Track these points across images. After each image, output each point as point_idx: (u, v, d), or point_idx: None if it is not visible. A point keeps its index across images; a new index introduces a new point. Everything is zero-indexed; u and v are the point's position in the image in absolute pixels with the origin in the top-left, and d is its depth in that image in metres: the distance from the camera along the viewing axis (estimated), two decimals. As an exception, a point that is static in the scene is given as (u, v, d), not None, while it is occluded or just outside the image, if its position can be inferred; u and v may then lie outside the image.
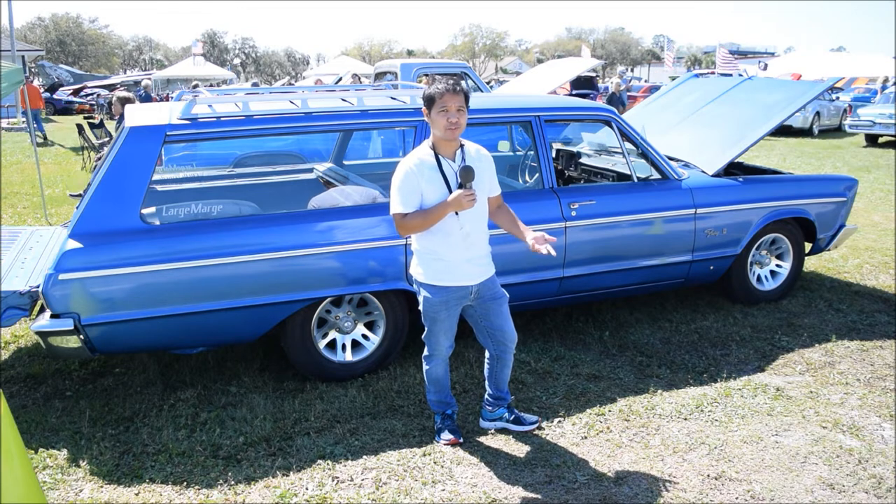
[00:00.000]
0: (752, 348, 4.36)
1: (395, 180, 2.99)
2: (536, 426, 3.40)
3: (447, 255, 3.04)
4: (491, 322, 3.20)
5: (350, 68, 25.86)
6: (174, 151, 5.68)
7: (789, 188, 5.02)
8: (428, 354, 3.26)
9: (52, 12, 65.57)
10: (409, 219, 2.96)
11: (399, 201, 2.96)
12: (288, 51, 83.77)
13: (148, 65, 70.65)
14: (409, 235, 3.25)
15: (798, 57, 19.88)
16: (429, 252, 3.06)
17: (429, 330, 3.19)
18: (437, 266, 3.05)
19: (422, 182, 2.96)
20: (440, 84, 2.95)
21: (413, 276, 3.17)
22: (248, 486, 2.97)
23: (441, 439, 3.27)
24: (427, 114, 2.99)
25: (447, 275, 3.06)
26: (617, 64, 77.49)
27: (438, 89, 2.93)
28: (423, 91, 3.00)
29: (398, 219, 2.98)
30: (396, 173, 3.00)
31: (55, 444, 3.28)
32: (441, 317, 3.11)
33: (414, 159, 2.99)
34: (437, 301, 3.08)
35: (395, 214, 2.98)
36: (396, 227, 3.02)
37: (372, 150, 7.13)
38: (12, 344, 4.52)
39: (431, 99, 2.94)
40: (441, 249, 3.04)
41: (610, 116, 4.52)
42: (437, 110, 2.92)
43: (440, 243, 3.03)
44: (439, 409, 3.35)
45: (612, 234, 4.34)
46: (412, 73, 10.99)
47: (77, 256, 3.28)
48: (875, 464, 3.12)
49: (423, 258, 3.09)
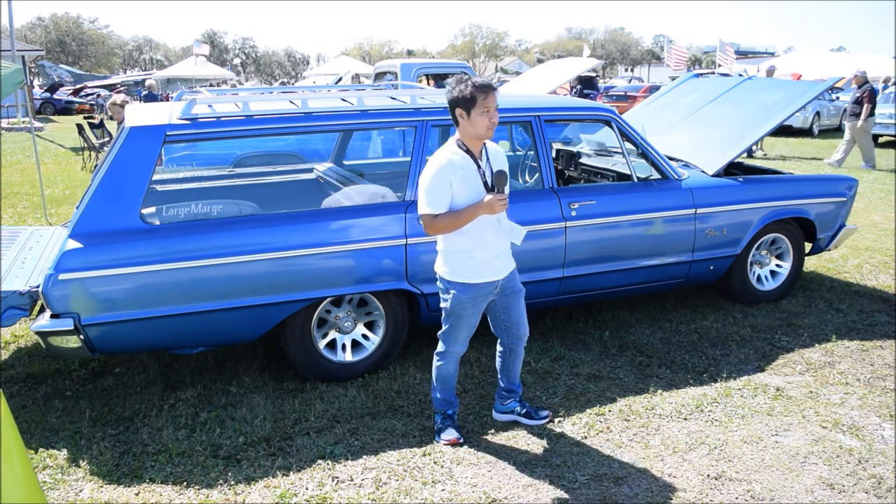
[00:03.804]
0: (752, 348, 4.36)
1: (426, 180, 2.94)
2: (548, 420, 3.43)
3: (478, 252, 3.02)
4: (510, 315, 3.24)
5: (350, 68, 25.89)
6: (174, 151, 5.69)
7: (789, 188, 5.02)
8: (443, 351, 3.24)
9: (52, 12, 65.63)
10: (439, 220, 2.92)
11: (429, 202, 2.92)
12: (288, 51, 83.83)
13: (148, 65, 70.64)
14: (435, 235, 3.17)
15: (798, 57, 19.90)
16: (458, 251, 3.03)
17: (450, 327, 3.16)
18: (468, 264, 3.03)
19: (454, 182, 2.91)
20: (478, 83, 2.89)
21: (439, 275, 3.15)
22: (248, 486, 2.97)
23: (441, 439, 3.28)
24: (463, 114, 2.91)
25: (477, 272, 3.05)
26: (617, 64, 77.50)
27: (480, 89, 2.87)
28: (455, 91, 2.90)
29: (427, 219, 2.94)
30: (426, 173, 2.95)
31: (55, 444, 3.28)
32: (467, 314, 3.11)
33: (444, 159, 2.93)
34: (466, 299, 3.07)
35: (425, 215, 2.94)
36: (424, 227, 3.00)
37: (372, 150, 7.13)
38: (12, 344, 4.52)
39: (472, 99, 2.87)
40: (472, 247, 3.01)
41: (610, 116, 4.52)
42: (480, 111, 2.87)
43: (470, 242, 3.00)
44: (442, 408, 3.34)
45: (612, 234, 4.34)
46: (412, 73, 11.00)
47: (77, 256, 3.28)
48: (875, 464, 3.12)
49: (452, 257, 3.06)
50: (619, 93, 24.44)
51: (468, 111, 2.89)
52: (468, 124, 2.92)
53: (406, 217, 3.82)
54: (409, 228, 3.81)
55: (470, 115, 2.89)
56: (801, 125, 17.50)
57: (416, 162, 3.94)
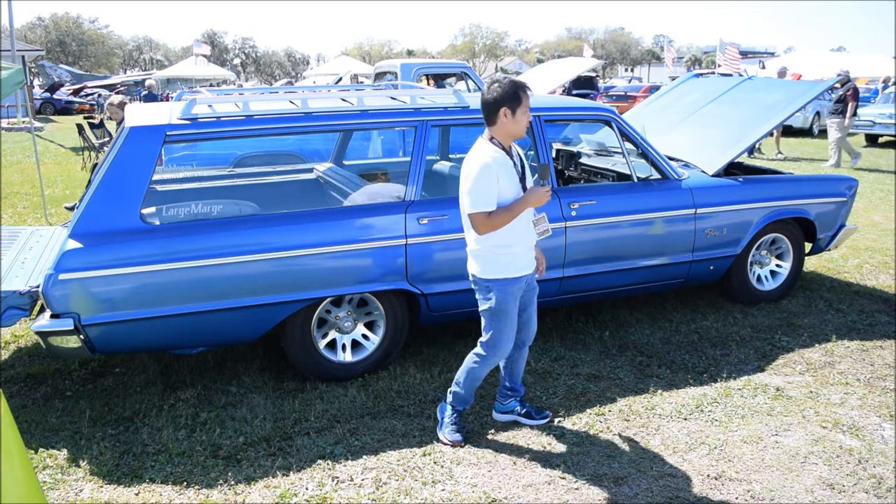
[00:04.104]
0: (752, 348, 4.36)
1: (474, 179, 2.95)
2: (548, 421, 3.44)
3: (514, 247, 3.06)
4: (526, 311, 3.26)
5: (350, 68, 25.89)
6: (174, 151, 5.69)
7: (789, 188, 5.02)
8: (486, 355, 3.19)
9: (52, 12, 65.67)
10: (494, 216, 2.95)
11: (481, 201, 2.94)
12: (288, 51, 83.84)
13: (148, 65, 70.66)
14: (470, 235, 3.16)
15: (798, 57, 19.89)
16: (497, 246, 3.04)
17: (498, 328, 3.13)
18: (505, 259, 3.06)
19: (501, 179, 2.96)
20: (520, 84, 2.99)
21: (476, 277, 3.12)
22: (248, 486, 2.97)
23: (448, 437, 3.26)
24: (508, 113, 2.97)
25: (515, 266, 3.08)
26: (617, 64, 77.52)
27: (523, 89, 2.98)
28: (502, 91, 2.95)
29: (482, 217, 2.95)
30: (473, 171, 2.96)
31: (55, 444, 3.28)
32: (512, 310, 3.12)
33: (488, 157, 2.96)
34: (510, 292, 3.08)
35: (479, 213, 2.95)
36: (479, 225, 2.98)
37: (372, 150, 7.13)
38: (12, 344, 4.52)
39: (519, 99, 2.96)
40: (510, 241, 3.05)
41: (610, 116, 4.52)
42: (524, 109, 2.98)
43: (509, 236, 3.03)
44: (458, 403, 3.33)
45: (612, 234, 4.34)
46: (412, 73, 10.99)
47: (77, 256, 3.28)
48: (875, 464, 3.12)
49: (489, 254, 3.06)
50: (619, 93, 24.43)
51: (514, 110, 2.97)
52: (512, 123, 2.99)
53: (406, 217, 3.82)
54: (409, 228, 3.81)
55: (515, 113, 2.98)
56: (801, 125, 17.50)
57: (416, 162, 3.94)
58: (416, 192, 3.90)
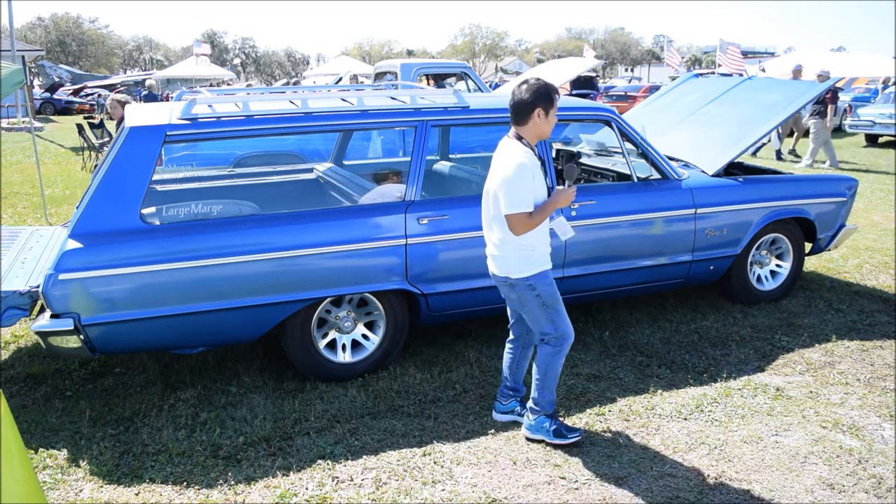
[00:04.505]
0: (752, 348, 4.36)
1: (512, 179, 2.95)
2: None
3: (539, 246, 3.11)
4: None
5: (350, 68, 25.86)
6: (174, 151, 5.69)
7: (789, 188, 5.02)
8: (560, 347, 3.18)
9: (52, 12, 65.66)
10: (534, 216, 2.97)
11: (522, 201, 2.95)
12: (288, 51, 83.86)
13: (148, 65, 70.68)
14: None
15: (798, 57, 19.85)
16: (525, 247, 3.07)
17: (559, 316, 3.15)
18: (534, 255, 3.09)
19: (535, 179, 2.99)
20: (550, 85, 3.03)
21: (514, 279, 3.11)
22: (248, 486, 2.97)
23: (569, 438, 3.22)
24: (541, 113, 3.01)
25: (544, 260, 3.12)
26: (617, 64, 77.53)
27: (555, 91, 3.03)
28: (536, 92, 2.99)
29: (523, 218, 2.95)
30: (510, 172, 2.96)
31: (55, 444, 3.28)
32: (557, 296, 3.15)
33: (524, 158, 2.97)
34: (552, 282, 3.13)
35: (520, 214, 2.95)
36: (518, 226, 2.97)
37: (372, 150, 7.13)
38: (12, 344, 4.52)
39: (552, 100, 3.02)
40: (535, 241, 3.08)
41: (610, 116, 4.52)
42: (554, 111, 3.04)
43: (536, 236, 3.07)
44: (549, 407, 3.27)
45: (612, 234, 4.34)
46: (412, 73, 10.98)
47: (77, 256, 3.28)
48: (875, 464, 3.12)
49: (521, 254, 3.07)
50: (619, 93, 24.43)
51: (547, 111, 3.02)
52: (544, 123, 3.03)
53: (406, 217, 3.82)
54: (409, 228, 3.81)
55: (548, 114, 3.02)
56: (801, 125, 17.46)
57: (416, 162, 3.94)
58: (416, 192, 3.90)
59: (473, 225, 3.95)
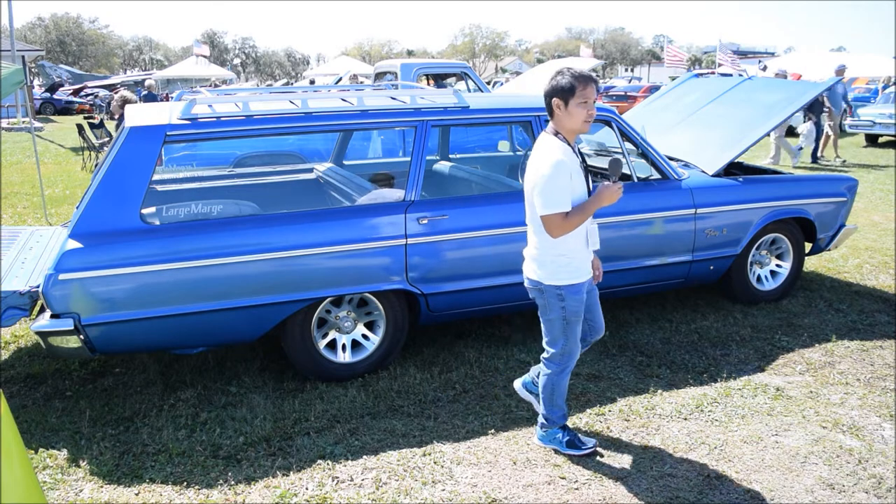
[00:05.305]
0: (752, 348, 4.36)
1: (547, 178, 2.75)
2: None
3: (577, 251, 2.92)
4: (592, 312, 3.15)
5: (350, 68, 25.86)
6: (174, 151, 5.69)
7: (789, 188, 5.02)
8: (563, 363, 3.06)
9: (52, 12, 65.72)
10: (571, 217, 2.76)
11: (557, 201, 2.74)
12: (288, 51, 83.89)
13: (148, 65, 70.69)
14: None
15: (798, 57, 19.87)
16: (563, 254, 2.89)
17: (569, 335, 3.00)
18: (572, 265, 2.91)
19: (573, 177, 2.79)
20: (577, 74, 2.77)
21: (546, 284, 2.94)
22: (248, 486, 2.97)
23: (583, 449, 3.15)
24: (560, 105, 2.80)
25: (581, 271, 2.94)
26: (617, 64, 77.55)
27: (579, 79, 2.76)
28: (554, 81, 2.80)
29: (559, 219, 2.75)
30: (545, 170, 2.76)
31: (55, 444, 3.28)
32: (581, 314, 2.98)
33: (560, 155, 2.77)
34: (581, 299, 2.95)
35: (556, 214, 2.74)
36: (553, 228, 2.77)
37: (372, 150, 7.13)
38: (12, 344, 4.52)
39: (571, 90, 2.75)
40: (574, 246, 2.90)
41: (610, 116, 4.52)
42: (578, 101, 2.77)
43: (574, 240, 2.89)
44: (563, 421, 3.18)
45: (612, 235, 4.33)
46: (412, 73, 10.99)
47: (77, 256, 3.28)
48: (875, 464, 3.12)
49: (557, 261, 2.90)
50: (619, 93, 24.41)
51: (566, 101, 2.79)
52: (566, 116, 2.81)
53: (406, 217, 3.82)
54: (409, 228, 3.81)
55: (568, 105, 2.79)
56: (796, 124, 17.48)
57: (416, 162, 3.94)
58: (416, 192, 3.90)
59: (473, 225, 3.96)
